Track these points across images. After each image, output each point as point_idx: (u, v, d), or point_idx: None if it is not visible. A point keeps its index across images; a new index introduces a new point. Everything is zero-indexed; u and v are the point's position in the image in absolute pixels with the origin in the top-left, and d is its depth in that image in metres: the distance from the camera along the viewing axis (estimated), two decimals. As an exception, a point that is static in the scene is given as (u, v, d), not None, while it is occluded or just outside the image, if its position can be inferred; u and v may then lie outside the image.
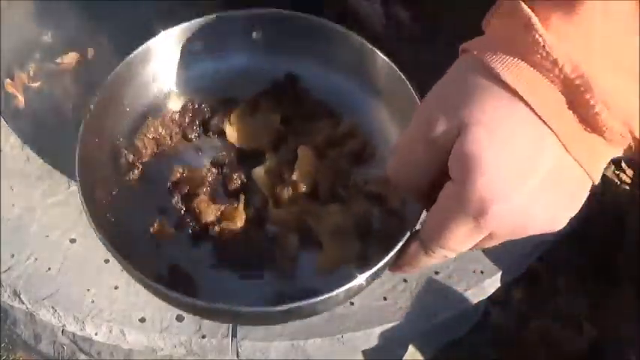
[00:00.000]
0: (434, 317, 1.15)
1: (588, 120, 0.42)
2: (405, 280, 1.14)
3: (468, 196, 0.44)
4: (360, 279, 0.51)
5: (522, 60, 0.43)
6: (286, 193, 0.58)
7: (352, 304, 1.11)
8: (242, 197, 0.59)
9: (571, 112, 0.42)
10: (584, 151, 0.43)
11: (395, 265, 0.52)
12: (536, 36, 0.43)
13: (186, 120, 0.65)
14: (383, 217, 0.59)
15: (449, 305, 1.15)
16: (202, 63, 0.68)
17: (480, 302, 1.19)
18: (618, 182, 1.79)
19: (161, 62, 0.67)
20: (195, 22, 0.68)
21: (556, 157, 0.43)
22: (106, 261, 1.14)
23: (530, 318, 1.57)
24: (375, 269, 0.52)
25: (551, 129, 0.42)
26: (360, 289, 0.53)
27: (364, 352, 1.31)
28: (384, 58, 0.67)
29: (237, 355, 1.11)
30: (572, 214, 0.48)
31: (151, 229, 0.62)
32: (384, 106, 0.66)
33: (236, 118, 0.61)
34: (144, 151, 0.64)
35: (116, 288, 1.12)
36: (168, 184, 0.61)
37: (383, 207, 0.59)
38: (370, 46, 0.67)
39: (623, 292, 1.43)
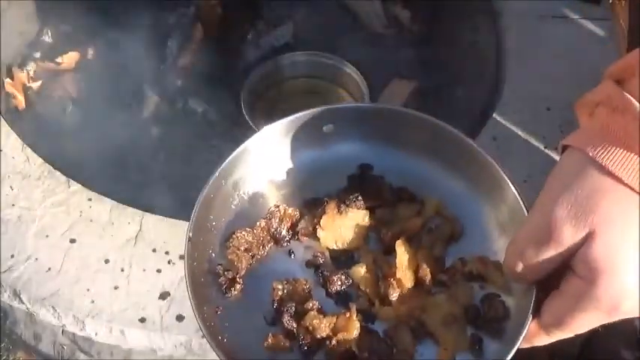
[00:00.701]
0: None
1: None
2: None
3: (600, 294, 0.47)
4: None
5: None
6: (392, 291, 0.60)
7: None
8: (353, 306, 0.60)
9: None
10: None
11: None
12: None
13: (274, 226, 0.65)
14: (486, 297, 0.61)
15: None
16: (279, 165, 0.68)
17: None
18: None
19: (239, 172, 0.67)
20: (267, 129, 0.67)
21: None
22: (106, 261, 1.14)
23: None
24: None
25: None
26: None
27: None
28: (456, 132, 0.64)
29: (237, 355, 1.11)
30: None
31: (265, 344, 0.59)
32: (461, 181, 0.65)
33: (326, 221, 0.63)
34: (239, 265, 0.63)
35: (116, 288, 1.12)
36: (274, 304, 0.62)
37: (485, 286, 0.61)
38: (440, 123, 0.65)
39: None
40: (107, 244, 1.16)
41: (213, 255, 0.64)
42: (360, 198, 0.64)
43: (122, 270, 1.13)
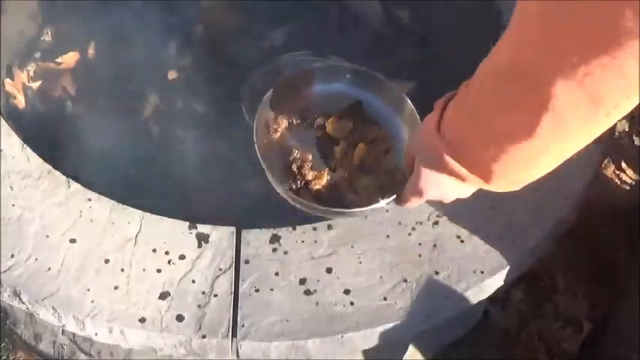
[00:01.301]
0: (434, 317, 1.15)
1: (464, 176, 0.79)
2: (405, 280, 1.14)
3: (417, 186, 0.90)
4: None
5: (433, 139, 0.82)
6: (347, 162, 1.08)
7: (352, 304, 1.12)
8: (327, 170, 1.08)
9: (445, 174, 0.82)
10: (468, 184, 0.82)
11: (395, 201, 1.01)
12: (445, 160, 0.80)
13: (304, 116, 1.12)
14: (391, 184, 1.04)
15: (449, 305, 1.15)
16: (317, 87, 1.15)
17: (480, 302, 1.19)
18: (619, 182, 1.79)
19: (295, 86, 1.14)
20: (318, 66, 1.17)
21: (454, 180, 0.82)
22: (106, 261, 1.14)
23: (530, 318, 1.58)
24: (379, 205, 1.02)
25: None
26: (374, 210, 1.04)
27: (364, 352, 1.31)
28: (407, 101, 1.11)
29: (237, 355, 1.12)
30: (467, 195, 0.90)
31: (291, 162, 1.08)
32: (403, 123, 1.12)
33: (333, 120, 1.12)
34: (282, 125, 1.11)
35: (116, 288, 1.12)
36: (291, 158, 1.08)
37: (392, 178, 1.06)
38: (401, 95, 1.12)
39: (624, 290, 1.43)
40: (107, 244, 1.16)
41: (270, 117, 1.11)
42: (350, 114, 1.13)
43: (122, 270, 1.13)
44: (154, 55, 1.52)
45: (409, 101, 1.11)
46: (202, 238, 1.18)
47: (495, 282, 1.18)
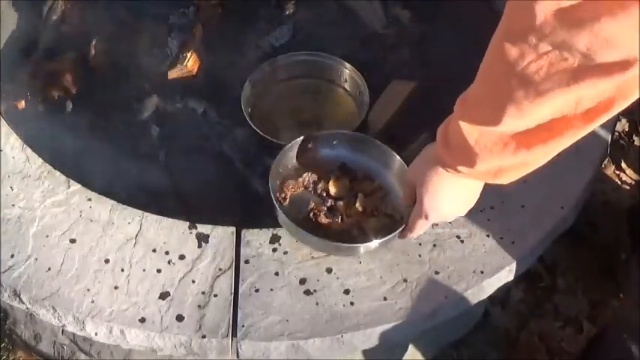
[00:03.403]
0: (434, 317, 1.15)
1: (473, 175, 0.94)
2: (405, 281, 1.14)
3: (421, 210, 1.05)
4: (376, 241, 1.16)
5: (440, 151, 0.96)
6: (354, 211, 1.22)
7: (352, 304, 1.12)
8: (339, 216, 1.21)
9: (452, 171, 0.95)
10: (477, 177, 0.95)
11: (400, 235, 1.15)
12: (441, 152, 0.95)
13: (306, 181, 1.25)
14: (392, 224, 1.18)
15: (449, 305, 1.15)
16: (310, 154, 1.29)
17: (480, 302, 1.19)
18: (619, 182, 1.79)
19: (291, 153, 1.27)
20: (308, 135, 1.28)
21: (458, 189, 1.00)
22: (106, 261, 1.14)
23: (530, 318, 1.58)
24: (388, 237, 1.15)
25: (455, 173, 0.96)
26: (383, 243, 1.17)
27: (364, 352, 1.31)
28: (394, 154, 1.26)
29: (237, 355, 1.12)
30: (464, 212, 1.07)
31: (300, 217, 1.21)
32: (392, 176, 1.26)
33: (333, 182, 1.25)
34: (287, 192, 1.23)
35: (116, 288, 1.12)
36: (309, 208, 1.20)
37: (392, 219, 1.20)
38: (389, 149, 1.27)
39: (625, 288, 1.43)
40: (107, 244, 1.16)
41: (278, 184, 1.23)
42: (345, 173, 1.28)
43: (122, 270, 1.13)
44: (154, 54, 1.52)
45: (397, 155, 1.25)
46: (202, 238, 1.18)
47: (495, 282, 1.18)
